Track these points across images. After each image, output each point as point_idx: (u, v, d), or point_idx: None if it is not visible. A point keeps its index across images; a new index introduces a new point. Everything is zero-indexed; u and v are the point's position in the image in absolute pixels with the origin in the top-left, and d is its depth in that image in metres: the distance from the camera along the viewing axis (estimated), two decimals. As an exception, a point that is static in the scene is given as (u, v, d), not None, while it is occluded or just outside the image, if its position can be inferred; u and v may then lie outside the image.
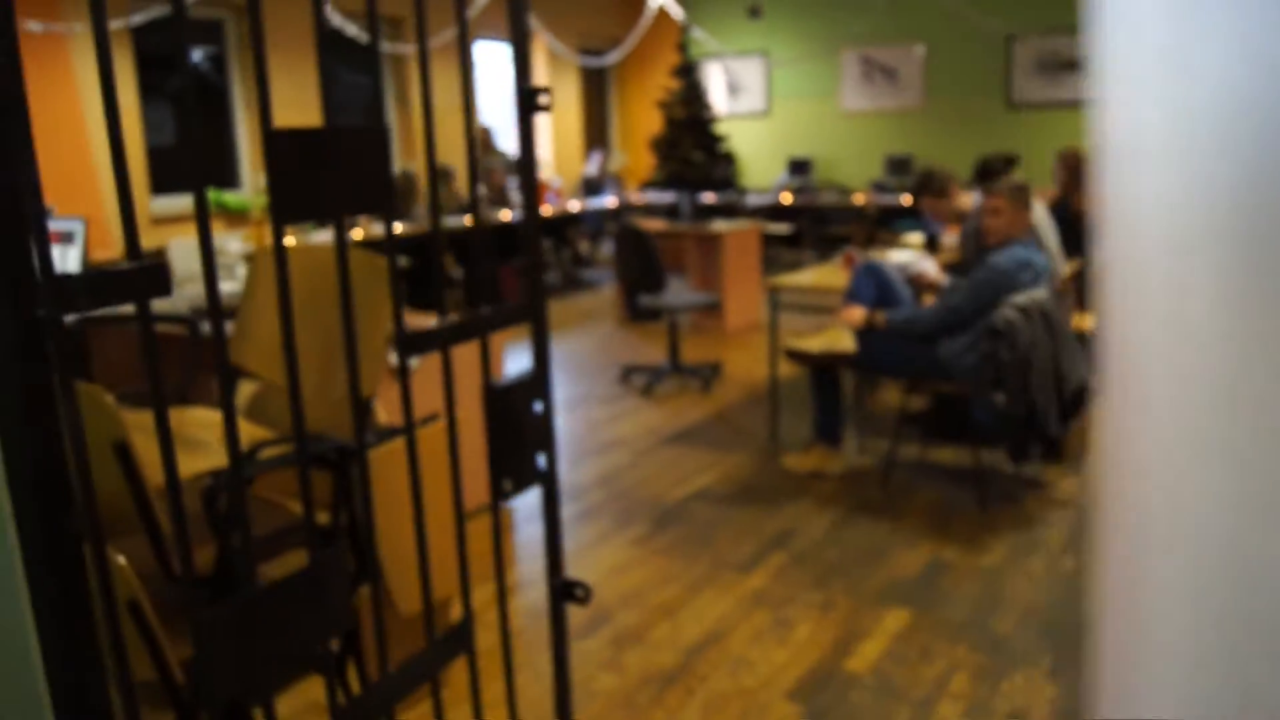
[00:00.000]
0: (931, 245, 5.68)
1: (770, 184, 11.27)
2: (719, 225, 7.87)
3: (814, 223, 10.84)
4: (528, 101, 1.77)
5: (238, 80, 8.06)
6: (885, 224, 10.57)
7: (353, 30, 8.14)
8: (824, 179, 12.10)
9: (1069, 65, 10.81)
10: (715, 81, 12.88)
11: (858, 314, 4.32)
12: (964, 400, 4.28)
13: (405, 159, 10.56)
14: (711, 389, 6.09)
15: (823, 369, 4.47)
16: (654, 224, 8.31)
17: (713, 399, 5.94)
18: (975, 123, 11.34)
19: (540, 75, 12.09)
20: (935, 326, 4.15)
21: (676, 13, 10.74)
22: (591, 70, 12.78)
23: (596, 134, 13.28)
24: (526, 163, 1.84)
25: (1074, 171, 5.83)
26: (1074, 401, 4.21)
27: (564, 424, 5.56)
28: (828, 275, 5.19)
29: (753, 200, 10.90)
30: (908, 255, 5.41)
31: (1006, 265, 4.05)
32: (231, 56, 8.58)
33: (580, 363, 6.97)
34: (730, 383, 6.27)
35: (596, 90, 13.42)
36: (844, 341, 4.27)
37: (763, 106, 12.75)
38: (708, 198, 8.23)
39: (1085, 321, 5.09)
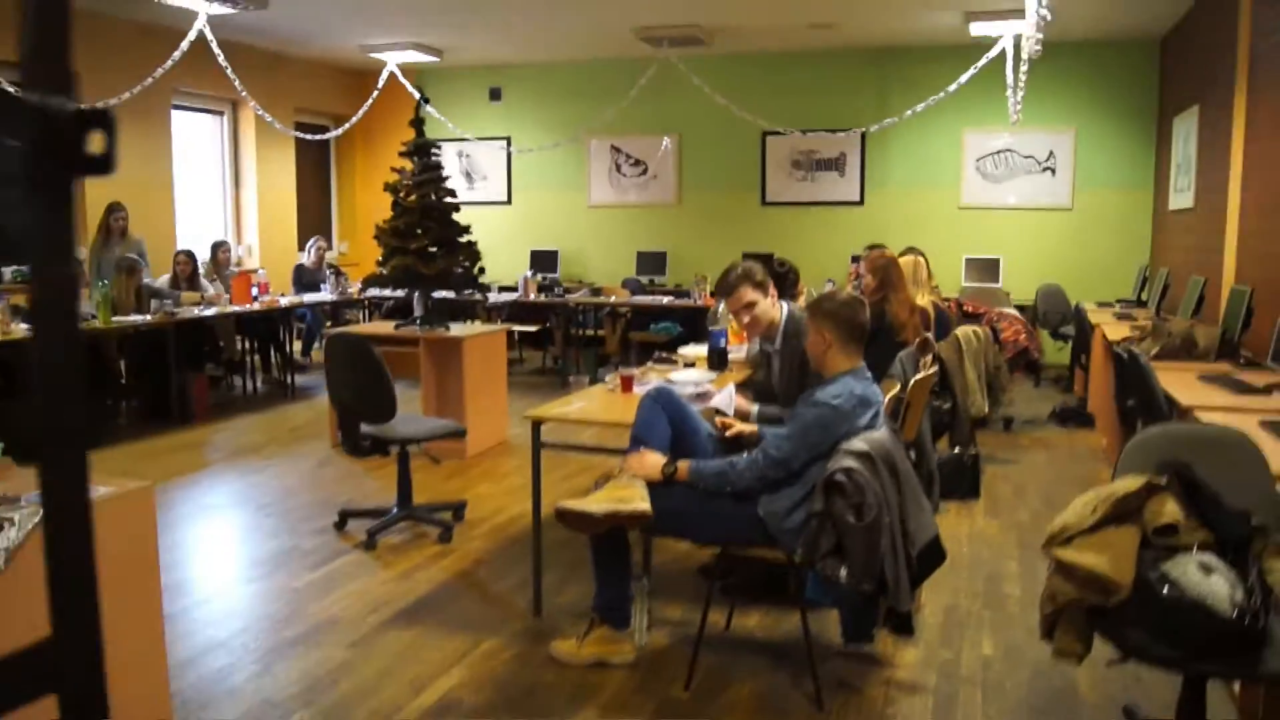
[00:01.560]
0: (720, 361, 4.75)
1: (512, 278, 10.26)
2: (458, 329, 6.70)
3: (564, 321, 9.88)
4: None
5: None
6: (640, 325, 9.76)
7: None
8: (571, 274, 11.21)
9: (822, 164, 10.51)
10: (452, 167, 11.81)
11: (652, 463, 3.27)
12: (786, 567, 3.29)
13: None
14: (453, 538, 4.84)
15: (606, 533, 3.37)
16: (379, 328, 7.04)
17: (456, 552, 4.69)
18: (730, 220, 10.83)
19: (248, 149, 10.62)
20: (755, 482, 3.16)
21: (410, 87, 9.64)
22: (311, 149, 11.40)
23: (316, 219, 11.85)
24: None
25: (886, 276, 5.13)
26: (921, 562, 3.32)
27: (254, 599, 4.15)
28: (602, 403, 4.13)
29: (497, 297, 9.81)
30: (695, 375, 4.46)
31: (843, 403, 3.13)
32: None
33: (283, 503, 5.52)
34: (476, 526, 5.05)
35: (316, 171, 12.03)
36: (634, 498, 3.19)
37: (503, 195, 11.78)
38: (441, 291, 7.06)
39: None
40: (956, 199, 10.05)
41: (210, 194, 10.60)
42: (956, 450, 5.65)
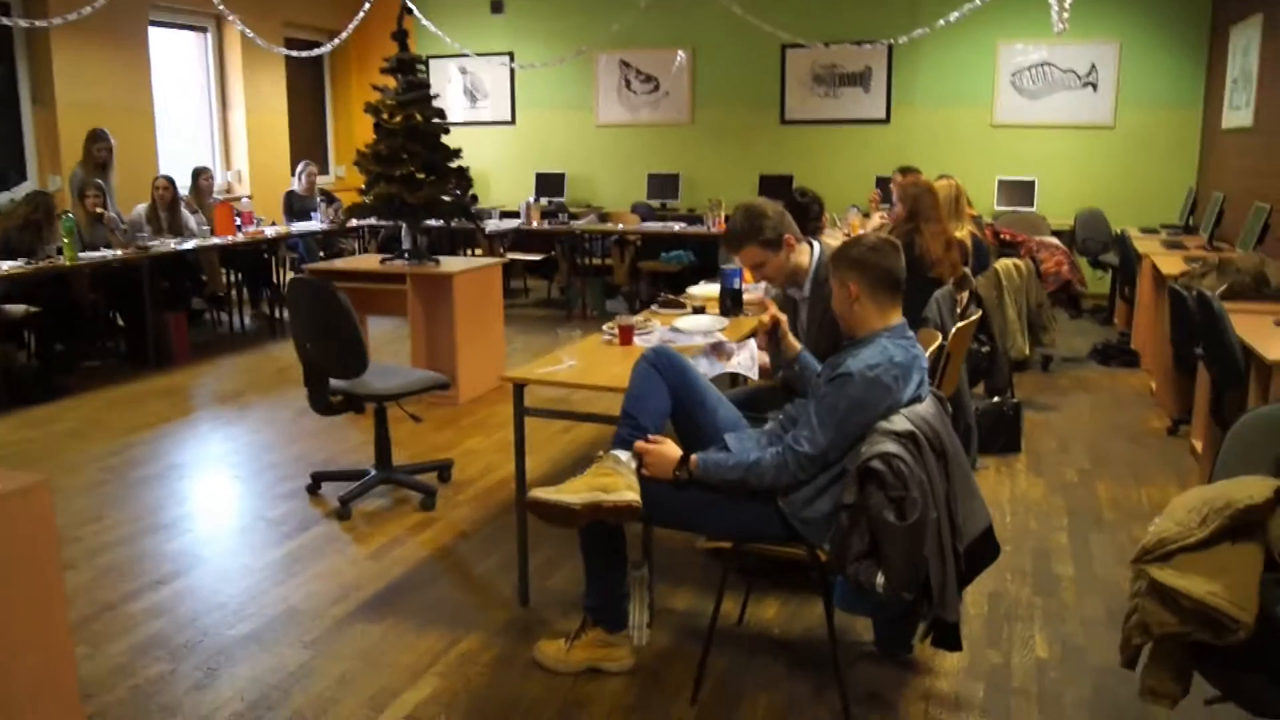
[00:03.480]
0: (734, 304, 4.19)
1: (517, 203, 9.65)
2: (449, 264, 6.16)
3: (569, 249, 9.29)
4: None
5: None
6: (651, 254, 9.18)
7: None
8: (579, 198, 10.60)
9: (846, 79, 9.79)
10: (454, 85, 11.16)
11: (666, 461, 2.72)
12: (808, 566, 2.78)
13: (42, 175, 8.19)
14: (436, 504, 4.36)
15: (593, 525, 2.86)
16: (362, 263, 6.49)
17: (439, 521, 4.21)
18: (747, 140, 10.15)
19: (234, 68, 9.99)
20: (783, 480, 2.63)
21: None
22: (303, 67, 10.74)
23: (310, 143, 11.22)
24: None
25: (918, 204, 4.55)
26: (970, 560, 2.80)
27: (208, 583, 3.68)
28: (597, 360, 3.59)
29: (497, 224, 9.24)
30: (705, 322, 3.91)
31: (882, 374, 2.58)
32: None
33: (255, 462, 5.05)
34: (463, 489, 4.57)
35: (310, 91, 11.37)
36: (619, 486, 2.66)
37: (507, 115, 11.12)
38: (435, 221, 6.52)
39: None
40: (989, 117, 9.34)
41: (197, 117, 9.98)
42: (995, 399, 5.11)
